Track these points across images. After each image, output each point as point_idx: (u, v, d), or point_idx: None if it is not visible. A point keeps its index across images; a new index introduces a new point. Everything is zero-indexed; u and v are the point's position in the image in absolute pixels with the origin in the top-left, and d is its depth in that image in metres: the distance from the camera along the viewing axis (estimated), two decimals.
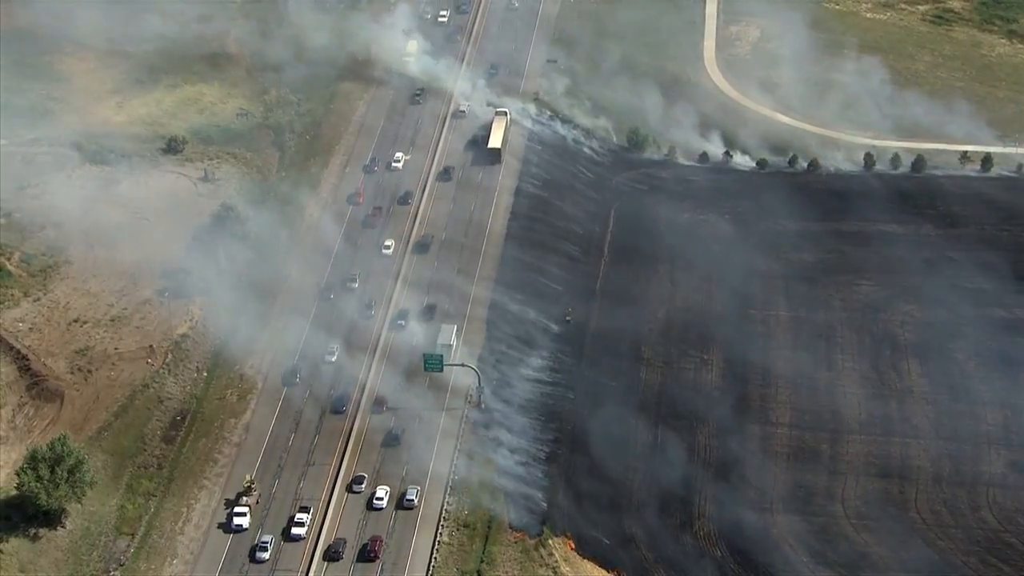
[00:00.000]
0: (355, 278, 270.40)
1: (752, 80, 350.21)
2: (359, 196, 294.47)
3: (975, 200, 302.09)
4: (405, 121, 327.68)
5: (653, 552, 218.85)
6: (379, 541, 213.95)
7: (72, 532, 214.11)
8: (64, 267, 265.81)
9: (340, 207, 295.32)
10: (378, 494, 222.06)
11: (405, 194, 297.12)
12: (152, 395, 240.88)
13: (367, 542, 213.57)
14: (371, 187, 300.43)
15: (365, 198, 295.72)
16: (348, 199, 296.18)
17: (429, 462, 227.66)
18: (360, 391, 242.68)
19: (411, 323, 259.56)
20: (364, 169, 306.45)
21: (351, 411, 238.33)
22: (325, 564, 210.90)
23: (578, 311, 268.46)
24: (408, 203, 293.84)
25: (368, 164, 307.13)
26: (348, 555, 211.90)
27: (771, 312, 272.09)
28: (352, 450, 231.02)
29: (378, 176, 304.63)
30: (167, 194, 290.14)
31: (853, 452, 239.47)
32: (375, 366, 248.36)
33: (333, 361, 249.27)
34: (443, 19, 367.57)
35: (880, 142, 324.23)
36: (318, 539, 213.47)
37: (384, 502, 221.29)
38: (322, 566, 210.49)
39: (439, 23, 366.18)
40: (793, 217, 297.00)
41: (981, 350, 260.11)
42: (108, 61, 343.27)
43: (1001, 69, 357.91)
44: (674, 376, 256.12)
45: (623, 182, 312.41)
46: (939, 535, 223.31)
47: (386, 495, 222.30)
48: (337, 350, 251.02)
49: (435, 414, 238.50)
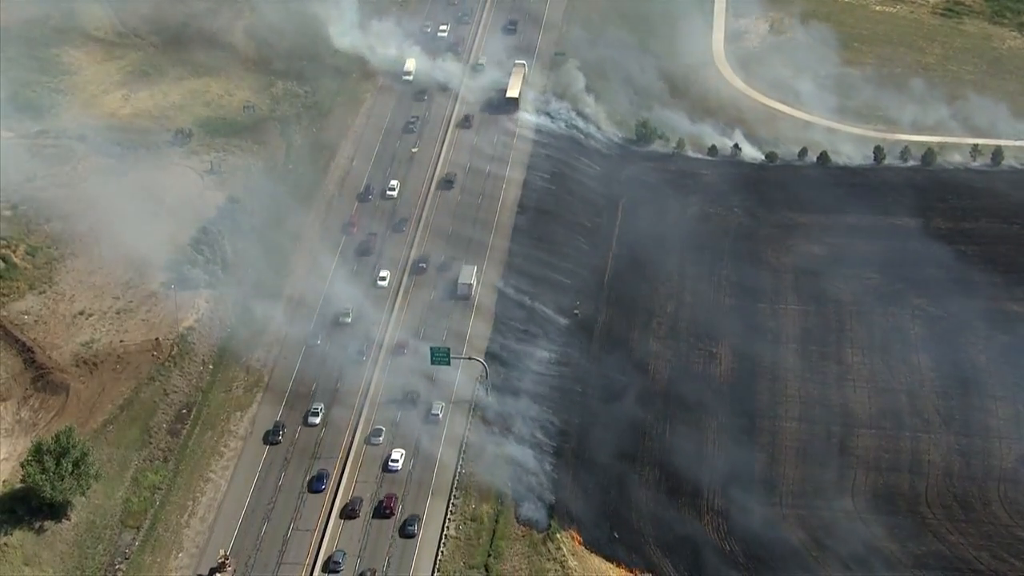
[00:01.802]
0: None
1: (761, 73, 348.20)
2: (354, 221, 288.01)
3: (985, 193, 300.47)
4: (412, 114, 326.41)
5: (661, 546, 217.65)
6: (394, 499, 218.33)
7: (77, 525, 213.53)
8: (69, 260, 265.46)
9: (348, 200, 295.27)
10: (393, 456, 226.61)
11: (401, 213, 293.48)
12: (158, 388, 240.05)
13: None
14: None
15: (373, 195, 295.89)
16: (358, 196, 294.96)
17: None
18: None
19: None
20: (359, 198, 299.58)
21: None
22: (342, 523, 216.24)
23: (586, 304, 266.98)
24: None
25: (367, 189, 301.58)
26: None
27: (780, 305, 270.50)
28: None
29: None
30: (173, 186, 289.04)
31: (863, 446, 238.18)
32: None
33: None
34: (443, 33, 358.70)
35: (890, 135, 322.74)
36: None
37: (399, 464, 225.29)
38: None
39: (439, 37, 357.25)
40: (802, 210, 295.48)
41: (992, 344, 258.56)
42: (115, 53, 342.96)
43: (1012, 62, 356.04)
44: (682, 369, 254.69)
45: (631, 175, 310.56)
46: (950, 530, 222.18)
47: (401, 457, 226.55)
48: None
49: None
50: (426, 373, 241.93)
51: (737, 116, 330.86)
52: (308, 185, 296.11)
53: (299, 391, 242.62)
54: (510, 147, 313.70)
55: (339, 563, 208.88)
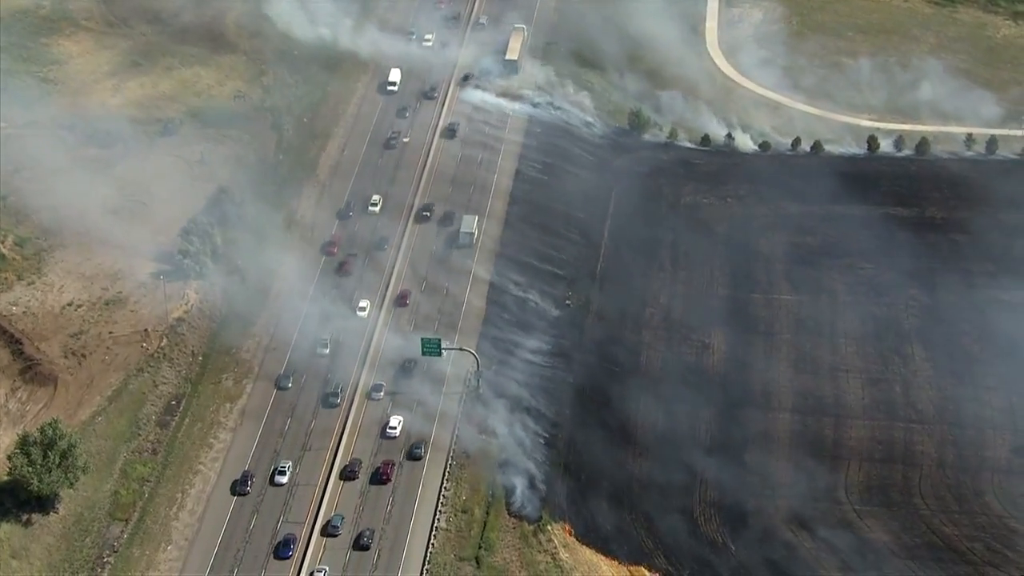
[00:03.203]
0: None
1: (754, 62, 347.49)
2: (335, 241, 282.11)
3: (980, 183, 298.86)
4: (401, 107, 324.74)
5: (653, 538, 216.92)
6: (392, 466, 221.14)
7: (65, 518, 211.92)
8: (58, 250, 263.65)
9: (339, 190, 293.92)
10: (391, 423, 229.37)
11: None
12: (147, 379, 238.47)
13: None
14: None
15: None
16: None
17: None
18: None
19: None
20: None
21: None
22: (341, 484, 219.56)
23: (578, 295, 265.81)
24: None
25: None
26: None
27: (773, 296, 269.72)
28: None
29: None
30: (163, 177, 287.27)
31: (856, 437, 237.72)
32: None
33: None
34: (428, 43, 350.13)
35: (884, 124, 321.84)
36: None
37: (397, 431, 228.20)
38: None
39: (424, 46, 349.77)
40: (796, 200, 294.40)
41: (985, 334, 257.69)
42: (105, 43, 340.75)
43: (1006, 51, 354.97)
44: (675, 360, 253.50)
45: (624, 165, 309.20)
46: (943, 521, 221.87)
47: (399, 424, 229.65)
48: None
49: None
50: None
51: (729, 105, 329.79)
52: (299, 175, 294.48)
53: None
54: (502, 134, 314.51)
55: (337, 527, 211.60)
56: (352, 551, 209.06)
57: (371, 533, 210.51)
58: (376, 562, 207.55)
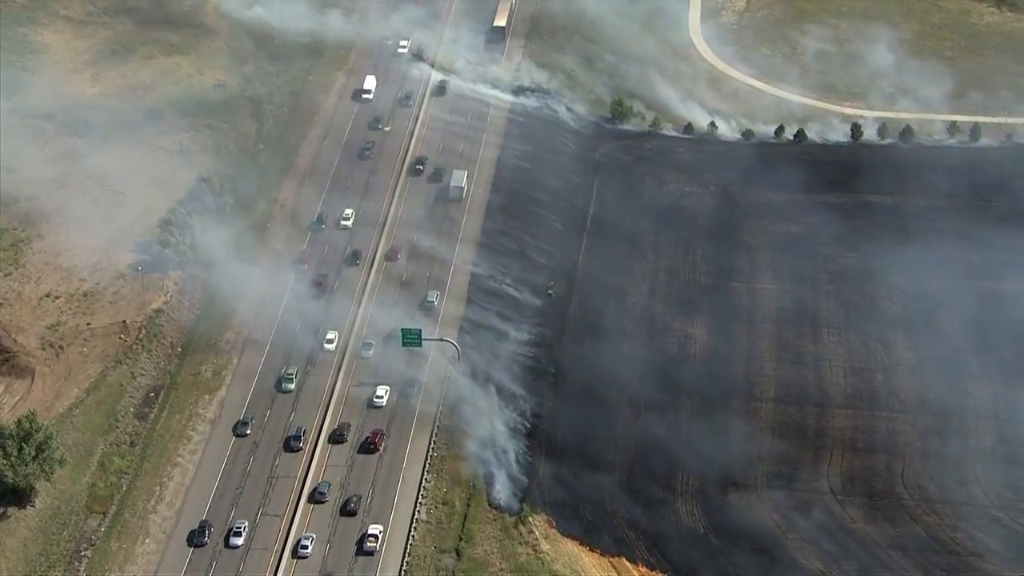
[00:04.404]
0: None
1: (738, 50, 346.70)
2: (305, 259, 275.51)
3: (963, 170, 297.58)
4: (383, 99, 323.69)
5: (634, 529, 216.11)
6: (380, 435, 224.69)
7: (42, 511, 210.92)
8: (36, 241, 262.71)
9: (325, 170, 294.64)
10: (378, 392, 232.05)
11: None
12: (125, 371, 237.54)
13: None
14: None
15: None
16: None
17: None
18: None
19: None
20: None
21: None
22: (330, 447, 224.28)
23: (560, 284, 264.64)
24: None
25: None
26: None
27: (756, 285, 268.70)
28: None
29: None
30: (142, 167, 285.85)
31: (839, 426, 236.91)
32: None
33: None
34: (403, 50, 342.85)
35: (867, 112, 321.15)
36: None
37: (384, 400, 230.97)
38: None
39: (399, 53, 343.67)
40: (779, 188, 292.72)
41: (969, 323, 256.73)
42: (84, 32, 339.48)
43: (990, 38, 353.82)
44: (657, 349, 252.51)
45: (606, 153, 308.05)
46: (926, 510, 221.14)
47: (386, 394, 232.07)
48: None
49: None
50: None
51: (713, 93, 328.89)
52: (279, 164, 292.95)
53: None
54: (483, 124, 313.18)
55: (324, 494, 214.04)
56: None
57: (357, 499, 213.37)
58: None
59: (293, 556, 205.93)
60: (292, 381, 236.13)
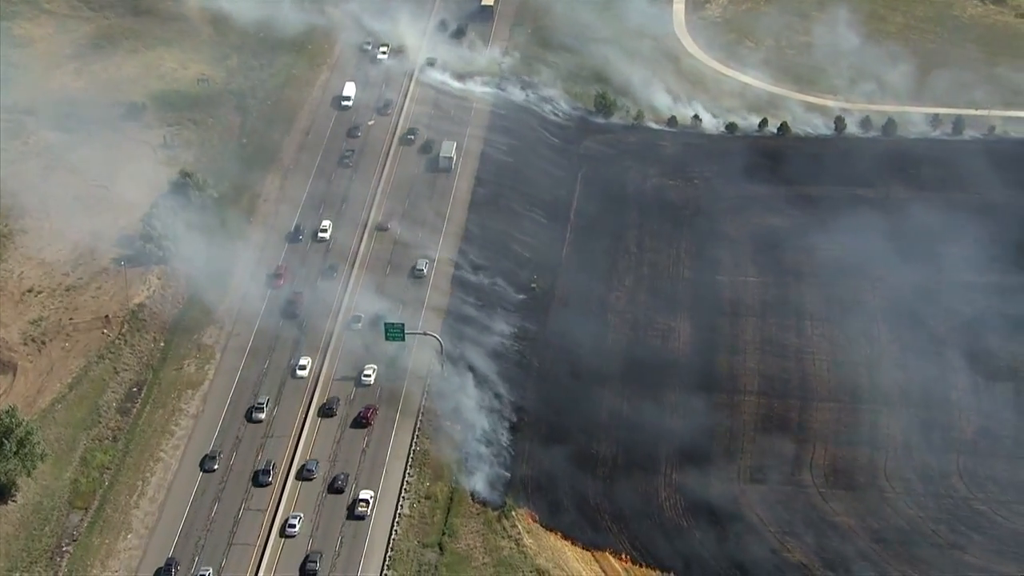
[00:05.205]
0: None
1: (722, 43, 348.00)
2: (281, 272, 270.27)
3: (946, 163, 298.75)
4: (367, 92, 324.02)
5: (618, 523, 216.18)
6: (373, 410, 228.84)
7: (24, 506, 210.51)
8: (19, 236, 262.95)
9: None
10: (366, 371, 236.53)
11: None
12: (108, 366, 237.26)
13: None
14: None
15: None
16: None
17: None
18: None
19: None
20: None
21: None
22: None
23: (543, 278, 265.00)
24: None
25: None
26: None
27: (739, 278, 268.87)
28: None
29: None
30: (126, 161, 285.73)
31: (822, 419, 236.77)
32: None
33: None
34: (383, 55, 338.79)
35: (851, 105, 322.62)
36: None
37: (371, 378, 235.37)
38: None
39: (378, 60, 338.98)
40: (762, 181, 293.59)
41: (952, 315, 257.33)
42: (67, 26, 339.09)
43: (973, 30, 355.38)
44: (641, 343, 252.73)
45: (590, 147, 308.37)
46: (908, 503, 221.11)
47: (373, 372, 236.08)
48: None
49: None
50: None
51: (697, 86, 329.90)
52: (264, 158, 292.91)
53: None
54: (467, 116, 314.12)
55: (312, 470, 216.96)
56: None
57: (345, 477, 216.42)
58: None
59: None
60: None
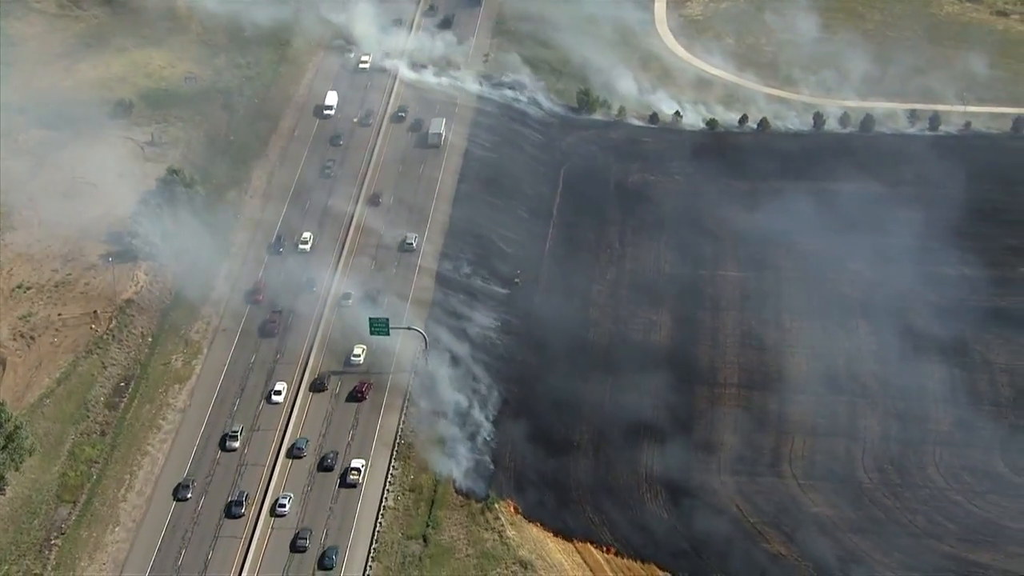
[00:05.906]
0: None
1: (703, 40, 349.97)
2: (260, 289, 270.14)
3: (923, 158, 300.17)
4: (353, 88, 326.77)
5: (599, 514, 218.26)
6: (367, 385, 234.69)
7: (12, 500, 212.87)
8: (8, 232, 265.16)
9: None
10: (355, 351, 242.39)
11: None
12: (96, 361, 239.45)
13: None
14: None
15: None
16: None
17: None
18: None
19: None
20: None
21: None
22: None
23: (527, 272, 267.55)
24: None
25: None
26: None
27: (720, 272, 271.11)
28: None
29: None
30: (114, 158, 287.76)
31: (800, 411, 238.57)
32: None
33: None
34: (364, 65, 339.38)
35: (829, 101, 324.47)
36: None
37: (361, 358, 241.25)
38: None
39: (360, 69, 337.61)
40: (742, 177, 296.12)
41: (928, 308, 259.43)
42: (57, 25, 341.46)
43: (949, 28, 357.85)
44: (622, 337, 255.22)
45: (572, 143, 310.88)
46: (885, 494, 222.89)
47: (363, 353, 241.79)
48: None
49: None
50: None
51: (677, 83, 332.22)
52: (250, 155, 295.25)
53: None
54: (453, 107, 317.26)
55: (302, 449, 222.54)
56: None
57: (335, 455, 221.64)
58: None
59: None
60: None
